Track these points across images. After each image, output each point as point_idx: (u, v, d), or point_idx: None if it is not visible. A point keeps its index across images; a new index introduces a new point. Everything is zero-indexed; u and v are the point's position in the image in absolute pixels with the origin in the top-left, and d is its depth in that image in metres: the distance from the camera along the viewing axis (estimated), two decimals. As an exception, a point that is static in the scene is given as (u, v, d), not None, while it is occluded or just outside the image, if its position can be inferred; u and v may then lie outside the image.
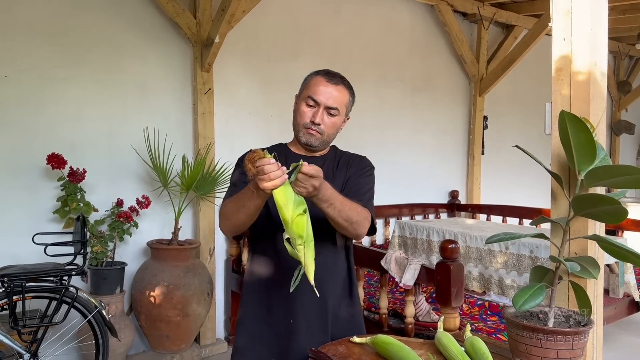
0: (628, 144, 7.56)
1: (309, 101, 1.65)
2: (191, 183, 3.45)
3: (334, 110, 1.66)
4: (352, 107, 1.76)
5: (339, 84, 1.67)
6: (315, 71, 1.72)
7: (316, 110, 1.64)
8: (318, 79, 1.67)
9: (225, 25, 3.49)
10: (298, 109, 1.68)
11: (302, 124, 1.66)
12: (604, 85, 1.47)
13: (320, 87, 1.65)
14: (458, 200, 5.35)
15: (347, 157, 1.80)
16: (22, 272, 2.61)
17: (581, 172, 1.26)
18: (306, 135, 1.67)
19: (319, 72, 1.70)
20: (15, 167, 3.17)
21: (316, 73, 1.70)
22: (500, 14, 5.23)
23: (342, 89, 1.68)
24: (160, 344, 3.42)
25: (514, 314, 1.31)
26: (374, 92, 4.77)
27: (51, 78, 3.26)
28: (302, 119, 1.66)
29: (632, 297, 3.74)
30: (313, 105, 1.65)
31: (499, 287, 3.60)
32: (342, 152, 1.82)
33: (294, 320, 1.66)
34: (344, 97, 1.68)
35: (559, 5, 1.48)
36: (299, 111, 1.67)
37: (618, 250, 1.23)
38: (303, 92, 1.70)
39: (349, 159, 1.79)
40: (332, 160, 1.77)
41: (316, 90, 1.65)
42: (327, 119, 1.66)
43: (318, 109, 1.64)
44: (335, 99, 1.65)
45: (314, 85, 1.66)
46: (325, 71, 1.70)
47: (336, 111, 1.66)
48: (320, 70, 1.71)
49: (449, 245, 2.48)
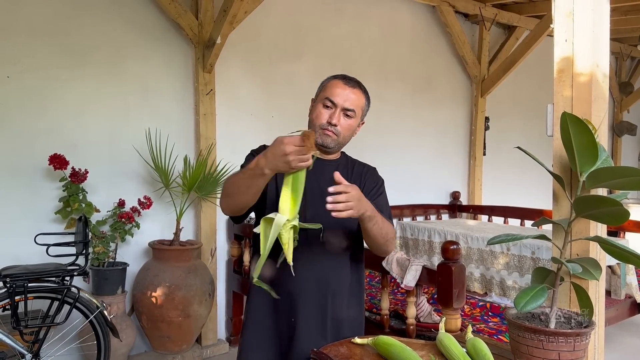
0: (630, 145, 7.55)
1: (326, 102, 1.67)
2: (193, 184, 3.46)
3: (351, 112, 1.68)
4: (367, 112, 1.79)
5: (355, 87, 1.71)
6: (332, 75, 1.75)
7: (333, 111, 1.67)
8: (335, 82, 1.70)
9: (227, 26, 3.50)
10: (315, 111, 1.70)
11: (319, 124, 1.67)
12: (605, 87, 1.47)
13: (338, 89, 1.67)
14: (459, 201, 5.35)
15: (360, 167, 1.82)
16: (24, 273, 2.61)
17: (583, 173, 1.26)
18: (322, 136, 1.68)
19: (337, 75, 1.73)
20: (17, 168, 3.18)
21: (334, 77, 1.73)
22: (502, 15, 5.23)
23: (358, 92, 1.71)
24: (162, 345, 3.43)
25: (516, 315, 1.31)
26: (375, 93, 4.69)
27: (53, 79, 3.26)
28: (318, 120, 1.68)
29: (633, 299, 3.73)
30: (330, 106, 1.67)
31: (500, 288, 3.60)
32: (353, 159, 1.85)
33: (295, 319, 1.67)
34: (361, 100, 1.72)
35: (561, 7, 1.48)
36: (316, 112, 1.69)
37: (620, 251, 1.23)
38: (320, 94, 1.72)
39: (362, 169, 1.82)
40: (345, 166, 1.79)
41: (333, 92, 1.67)
42: (344, 121, 1.68)
43: (335, 110, 1.66)
44: (352, 101, 1.68)
45: (331, 87, 1.69)
46: (343, 75, 1.73)
47: (353, 113, 1.69)
48: (338, 74, 1.75)
49: (450, 247, 2.47)
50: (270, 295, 1.47)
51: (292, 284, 1.64)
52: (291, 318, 1.67)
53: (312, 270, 1.67)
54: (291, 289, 1.65)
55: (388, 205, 1.81)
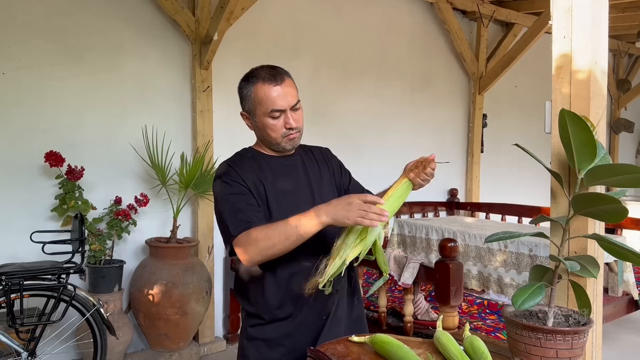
0: (627, 142, 7.56)
1: (274, 114, 1.56)
2: (190, 181, 3.45)
3: (297, 104, 1.60)
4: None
5: (283, 79, 1.57)
6: (249, 80, 1.59)
7: (285, 116, 1.58)
8: (265, 89, 1.55)
9: (224, 23, 3.48)
10: (266, 126, 1.58)
11: (281, 135, 1.59)
12: (604, 84, 1.46)
13: (274, 94, 1.55)
14: (457, 198, 5.35)
15: (318, 151, 1.80)
16: (20, 270, 2.60)
17: (581, 170, 1.26)
18: (289, 142, 1.62)
19: (257, 79, 1.57)
20: (13, 165, 3.16)
21: (255, 81, 1.57)
22: (500, 12, 5.23)
23: (288, 81, 1.59)
24: (159, 343, 3.42)
25: (514, 313, 1.31)
26: (374, 91, 4.76)
27: (49, 76, 3.25)
28: (277, 132, 1.59)
29: (631, 296, 3.74)
30: (278, 115, 1.57)
31: (497, 286, 3.59)
32: (305, 146, 1.78)
33: (327, 316, 1.64)
34: (293, 86, 1.61)
35: (560, 3, 1.47)
36: (269, 127, 1.58)
37: (618, 249, 1.22)
38: (257, 108, 1.58)
39: (320, 152, 1.80)
40: (307, 156, 1.74)
41: (272, 100, 1.55)
42: (297, 115, 1.60)
43: (285, 113, 1.58)
44: (292, 95, 1.58)
45: (266, 96, 1.55)
46: (262, 74, 1.57)
47: (299, 103, 1.61)
48: (254, 76, 1.58)
49: (448, 244, 2.47)
50: (301, 290, 1.44)
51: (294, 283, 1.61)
52: (323, 316, 1.64)
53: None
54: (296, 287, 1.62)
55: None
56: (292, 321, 1.62)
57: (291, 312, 1.61)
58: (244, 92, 1.61)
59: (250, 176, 1.59)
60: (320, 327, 1.62)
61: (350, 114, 4.55)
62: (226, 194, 1.58)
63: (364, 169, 3.30)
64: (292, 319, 1.62)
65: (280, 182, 1.63)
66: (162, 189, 3.49)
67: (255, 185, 1.59)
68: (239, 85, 1.64)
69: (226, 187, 1.59)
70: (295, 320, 1.62)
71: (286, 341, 1.62)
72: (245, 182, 1.58)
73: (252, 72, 1.60)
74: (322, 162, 1.77)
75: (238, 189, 1.57)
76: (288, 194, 1.62)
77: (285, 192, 1.62)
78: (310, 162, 1.73)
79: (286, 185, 1.63)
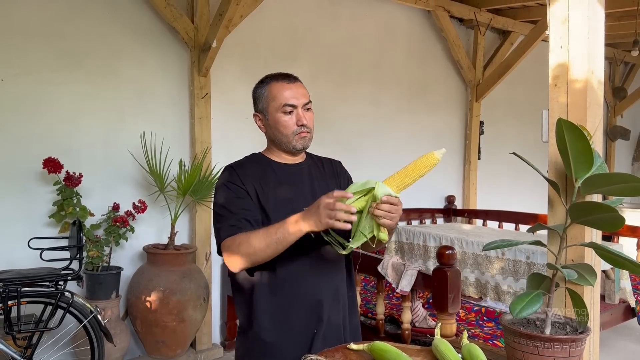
0: (623, 150, 7.60)
1: (286, 109, 1.61)
2: (188, 188, 3.45)
3: (309, 103, 1.66)
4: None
5: (296, 80, 1.66)
6: (264, 82, 1.68)
7: (297, 113, 1.62)
8: (279, 86, 1.63)
9: (222, 30, 3.50)
10: (278, 122, 1.63)
11: (292, 132, 1.63)
12: (600, 93, 1.48)
13: (288, 91, 1.62)
14: (454, 205, 5.36)
15: (329, 163, 1.81)
16: (17, 277, 2.59)
17: (578, 179, 1.27)
18: (300, 140, 1.64)
19: (272, 79, 1.66)
20: (11, 171, 3.16)
21: (269, 82, 1.66)
22: (497, 20, 5.27)
23: (300, 84, 1.67)
24: (156, 349, 3.41)
25: (511, 321, 1.31)
26: (371, 97, 4.77)
27: (48, 82, 3.25)
28: (289, 128, 1.62)
29: (627, 303, 3.75)
30: (291, 111, 1.62)
31: (495, 293, 3.60)
32: (316, 156, 1.81)
33: (287, 320, 1.62)
34: (305, 89, 1.68)
35: (556, 14, 1.49)
36: (281, 123, 1.62)
37: (615, 257, 1.23)
38: (270, 105, 1.64)
39: (332, 165, 1.81)
40: (316, 166, 1.76)
41: (285, 95, 1.61)
42: (308, 115, 1.65)
43: (297, 110, 1.62)
44: (304, 94, 1.65)
45: (279, 92, 1.62)
46: (276, 76, 1.66)
47: (310, 104, 1.66)
48: (269, 77, 1.67)
49: (446, 251, 2.48)
50: (297, 295, 1.47)
51: (316, 290, 1.61)
52: (317, 322, 1.62)
53: (329, 276, 1.66)
54: (316, 295, 1.61)
55: None
56: (286, 327, 1.61)
57: (284, 318, 1.61)
58: (258, 92, 1.69)
59: (250, 180, 1.61)
60: (314, 334, 1.61)
61: (347, 121, 4.56)
62: (222, 197, 1.62)
63: (361, 176, 3.30)
64: (286, 325, 1.61)
65: (282, 190, 1.63)
66: (160, 195, 3.49)
67: (255, 189, 1.60)
68: (254, 89, 1.72)
69: (224, 190, 1.63)
70: (289, 326, 1.61)
71: (282, 347, 1.61)
72: (244, 185, 1.60)
73: (266, 76, 1.69)
74: (331, 176, 1.77)
75: (236, 192, 1.59)
76: (288, 201, 1.61)
77: (286, 200, 1.62)
78: (317, 173, 1.73)
79: (287, 193, 1.63)
